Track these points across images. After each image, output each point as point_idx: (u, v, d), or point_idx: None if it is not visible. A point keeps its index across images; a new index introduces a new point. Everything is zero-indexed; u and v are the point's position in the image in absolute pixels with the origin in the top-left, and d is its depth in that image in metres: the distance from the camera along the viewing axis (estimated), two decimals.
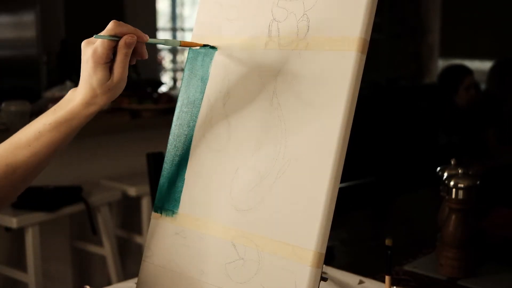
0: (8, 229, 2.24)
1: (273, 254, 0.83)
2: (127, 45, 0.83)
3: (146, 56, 0.87)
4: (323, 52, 0.84)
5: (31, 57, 3.27)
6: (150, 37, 0.87)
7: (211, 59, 0.97)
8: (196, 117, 0.97)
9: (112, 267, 2.57)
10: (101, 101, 0.86)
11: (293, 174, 0.83)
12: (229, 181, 0.90)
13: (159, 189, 0.99)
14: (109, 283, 2.48)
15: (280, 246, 0.82)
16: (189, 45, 0.96)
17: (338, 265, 1.24)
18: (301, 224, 0.81)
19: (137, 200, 2.71)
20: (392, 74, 5.40)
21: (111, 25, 0.84)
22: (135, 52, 0.87)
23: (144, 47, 0.87)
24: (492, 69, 3.57)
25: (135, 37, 0.84)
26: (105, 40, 0.83)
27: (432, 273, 1.24)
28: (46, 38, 3.30)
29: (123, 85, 0.86)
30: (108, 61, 0.84)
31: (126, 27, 0.84)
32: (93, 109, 0.86)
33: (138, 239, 2.76)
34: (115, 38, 0.83)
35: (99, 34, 0.83)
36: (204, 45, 0.98)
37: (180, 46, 0.94)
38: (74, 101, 0.86)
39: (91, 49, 0.83)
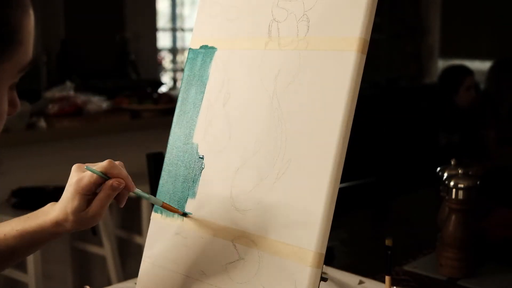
0: None
1: (273, 254, 0.83)
2: (113, 188, 0.82)
3: (122, 205, 0.87)
4: (323, 52, 0.84)
5: None
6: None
7: (211, 60, 0.97)
8: (196, 117, 0.97)
9: (112, 267, 2.57)
10: (70, 227, 0.85)
11: (293, 174, 0.83)
12: (230, 181, 0.90)
13: (159, 190, 0.99)
14: (109, 283, 2.47)
15: (280, 246, 0.82)
16: (169, 209, 0.93)
17: (338, 265, 1.24)
18: (301, 224, 0.81)
19: (137, 200, 2.71)
20: (392, 74, 5.40)
21: (106, 163, 0.83)
22: (119, 198, 0.86)
23: (126, 196, 0.86)
24: (491, 70, 3.57)
25: (123, 184, 0.83)
26: (94, 174, 0.82)
27: (432, 273, 1.24)
28: (46, 38, 3.30)
29: (97, 220, 0.85)
30: (89, 194, 0.83)
31: (119, 171, 0.84)
32: (61, 230, 0.86)
33: (138, 240, 2.76)
34: (104, 177, 0.82)
35: (90, 167, 0.83)
36: (204, 46, 0.98)
37: (161, 206, 0.92)
38: (47, 216, 0.86)
39: (77, 177, 0.83)
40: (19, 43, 0.65)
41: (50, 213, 0.86)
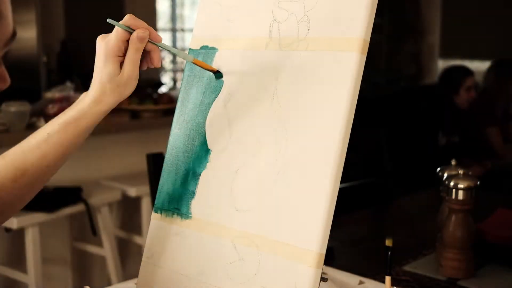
0: (8, 230, 2.24)
1: (273, 254, 0.83)
2: (139, 39, 0.82)
3: (159, 64, 0.86)
4: (323, 53, 0.84)
5: (31, 58, 3.27)
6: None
7: (212, 60, 0.97)
8: (197, 117, 0.97)
9: (112, 268, 2.57)
10: (110, 99, 0.84)
11: (293, 174, 0.83)
12: (230, 181, 0.90)
13: (159, 190, 0.99)
14: (109, 284, 2.47)
15: (280, 246, 0.82)
16: (201, 65, 0.93)
17: (338, 265, 1.24)
18: (301, 224, 0.81)
19: (137, 200, 2.71)
20: (392, 75, 5.41)
21: (126, 17, 0.83)
22: (147, 56, 0.85)
23: (158, 54, 0.85)
24: (490, 69, 3.57)
25: (148, 32, 0.83)
26: (118, 31, 0.82)
27: (432, 273, 1.24)
28: (46, 38, 3.30)
29: (133, 83, 0.84)
30: (120, 55, 0.83)
31: (141, 22, 0.83)
32: (102, 108, 0.84)
33: (138, 240, 2.76)
34: (129, 29, 0.82)
35: (113, 20, 0.83)
36: (204, 46, 0.98)
37: (192, 62, 0.92)
38: (84, 100, 0.85)
39: (104, 42, 0.83)
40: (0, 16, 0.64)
41: (87, 95, 0.85)
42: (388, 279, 0.88)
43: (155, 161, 1.68)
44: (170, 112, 2.60)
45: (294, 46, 0.87)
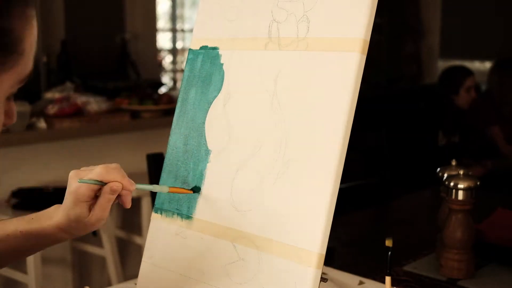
0: None
1: (273, 255, 0.83)
2: (112, 191, 0.81)
3: (129, 206, 0.85)
4: (323, 53, 0.84)
5: None
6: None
7: (211, 60, 0.97)
8: (196, 117, 0.97)
9: (112, 268, 2.57)
10: (75, 233, 0.85)
11: (293, 174, 0.83)
12: (230, 181, 0.90)
13: None
14: (109, 284, 2.48)
15: (280, 247, 0.82)
16: (177, 191, 0.93)
17: (338, 265, 1.24)
18: (301, 225, 0.81)
19: (137, 200, 2.71)
20: (392, 75, 5.40)
21: (99, 169, 0.82)
22: (119, 198, 0.84)
23: (130, 196, 0.84)
24: (492, 69, 3.57)
25: (121, 186, 0.82)
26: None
27: (432, 274, 1.24)
28: (46, 38, 3.30)
29: (101, 224, 0.84)
30: (89, 201, 0.82)
31: (114, 175, 0.82)
32: (66, 237, 0.85)
33: (138, 240, 2.76)
34: (100, 183, 0.81)
35: (84, 175, 0.82)
36: (204, 46, 0.98)
37: (168, 192, 0.91)
38: (51, 221, 0.85)
39: (75, 185, 0.82)
40: (20, 54, 0.63)
41: (53, 217, 0.85)
42: (388, 279, 0.88)
43: (155, 161, 1.68)
44: (170, 112, 2.60)
45: (293, 46, 0.87)
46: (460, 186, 1.19)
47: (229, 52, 0.95)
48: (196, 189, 0.93)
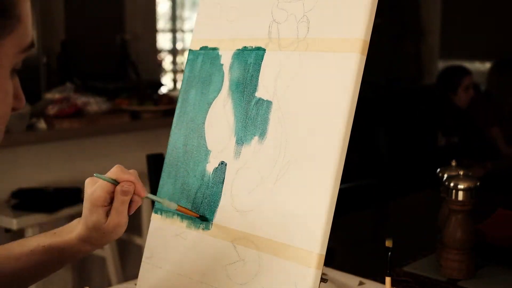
0: (8, 231, 2.24)
1: (273, 255, 0.83)
2: (124, 192, 0.81)
3: (131, 213, 0.84)
4: (323, 54, 0.84)
5: (31, 58, 3.27)
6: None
7: (211, 61, 0.97)
8: (196, 118, 0.97)
9: (112, 269, 2.57)
10: (97, 243, 0.84)
11: (293, 175, 0.83)
12: (230, 181, 0.90)
13: (159, 190, 0.99)
14: (109, 285, 2.48)
15: (280, 247, 0.82)
16: (185, 212, 0.92)
17: (338, 266, 1.23)
18: (301, 225, 0.81)
19: None
20: (392, 75, 5.40)
21: (115, 168, 0.82)
22: (130, 204, 0.83)
23: (138, 204, 0.83)
24: (491, 70, 3.57)
25: (133, 187, 0.81)
26: (104, 183, 0.81)
27: (432, 274, 1.24)
28: (46, 39, 3.30)
29: (120, 230, 0.83)
30: (106, 205, 0.82)
31: (128, 175, 0.82)
32: (89, 248, 0.85)
33: (138, 241, 2.76)
34: (113, 182, 0.81)
35: (99, 174, 0.82)
36: (204, 47, 0.98)
37: (176, 210, 0.91)
38: (72, 233, 0.85)
39: (90, 190, 0.82)
40: (17, 19, 0.62)
41: (74, 230, 0.85)
42: (388, 280, 0.88)
43: (155, 162, 1.68)
44: (170, 113, 2.59)
45: (293, 46, 0.87)
46: (460, 186, 1.19)
47: (229, 53, 0.95)
48: (204, 218, 0.92)
